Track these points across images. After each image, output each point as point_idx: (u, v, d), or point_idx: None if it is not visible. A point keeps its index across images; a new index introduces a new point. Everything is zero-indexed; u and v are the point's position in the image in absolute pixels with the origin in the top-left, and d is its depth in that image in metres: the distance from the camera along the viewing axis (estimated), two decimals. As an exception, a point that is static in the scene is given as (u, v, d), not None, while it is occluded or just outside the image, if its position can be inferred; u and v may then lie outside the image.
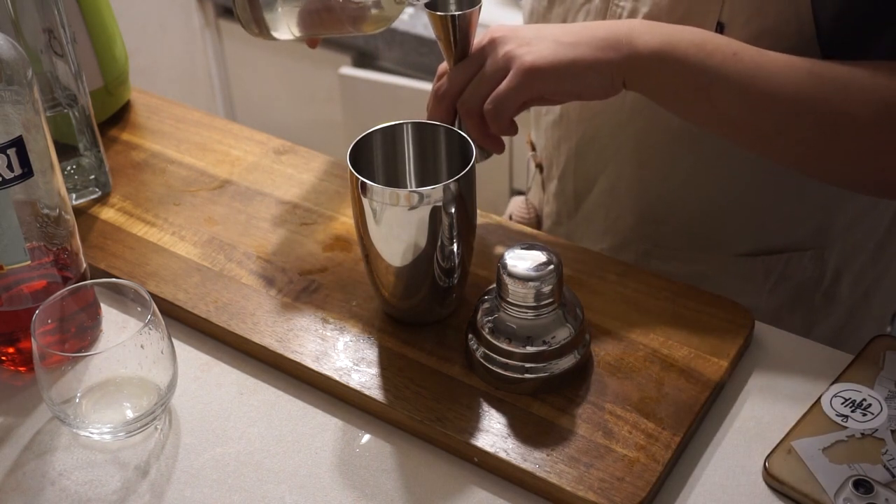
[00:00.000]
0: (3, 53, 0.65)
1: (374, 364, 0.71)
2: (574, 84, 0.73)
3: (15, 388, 0.72)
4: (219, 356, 0.75)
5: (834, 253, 0.91)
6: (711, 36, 0.72)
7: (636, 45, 0.71)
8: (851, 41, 0.73)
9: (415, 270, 0.70)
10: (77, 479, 0.66)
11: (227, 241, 0.83)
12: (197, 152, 0.95)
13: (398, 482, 0.65)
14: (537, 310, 0.66)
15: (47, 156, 0.69)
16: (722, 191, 0.87)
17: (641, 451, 0.64)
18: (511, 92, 0.73)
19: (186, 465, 0.66)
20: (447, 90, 0.76)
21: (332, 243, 0.82)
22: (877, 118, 0.69)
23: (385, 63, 1.84)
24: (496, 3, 1.68)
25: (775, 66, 0.70)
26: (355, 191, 0.68)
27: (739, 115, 0.72)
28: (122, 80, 0.99)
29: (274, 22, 0.81)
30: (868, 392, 0.67)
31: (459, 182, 0.67)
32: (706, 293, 0.75)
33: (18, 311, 0.71)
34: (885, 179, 0.72)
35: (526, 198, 1.06)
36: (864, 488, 0.61)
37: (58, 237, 0.72)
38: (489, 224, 0.84)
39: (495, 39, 0.75)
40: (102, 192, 0.89)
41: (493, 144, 0.78)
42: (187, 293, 0.78)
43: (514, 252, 0.67)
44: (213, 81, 2.19)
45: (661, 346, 0.71)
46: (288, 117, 2.11)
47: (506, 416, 0.66)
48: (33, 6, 0.79)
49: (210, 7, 2.09)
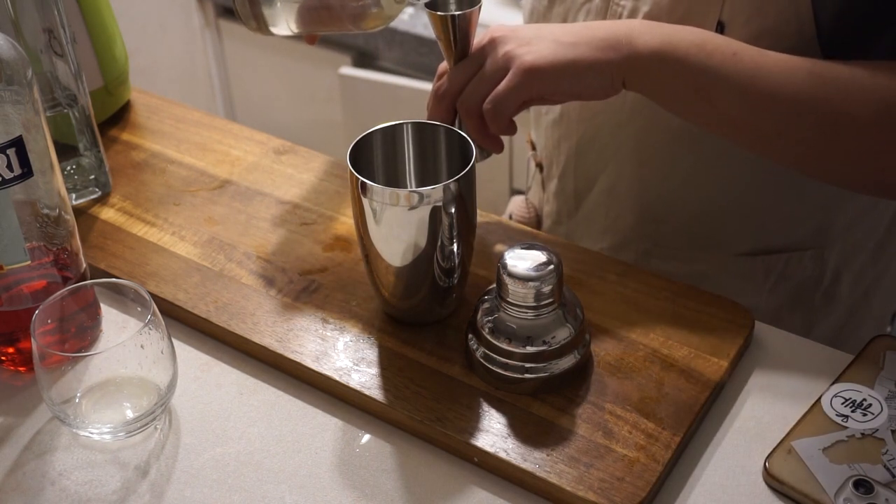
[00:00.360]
0: (3, 53, 0.65)
1: (374, 364, 0.71)
2: (573, 84, 0.73)
3: (15, 388, 0.72)
4: (219, 356, 0.75)
5: (834, 252, 0.91)
6: (711, 36, 0.72)
7: (636, 46, 0.71)
8: (852, 41, 0.73)
9: (415, 270, 0.70)
10: (77, 479, 0.66)
11: (227, 241, 0.83)
12: (197, 152, 0.95)
13: (398, 482, 0.65)
14: (537, 310, 0.66)
15: (47, 156, 0.69)
16: (722, 190, 0.87)
17: (641, 451, 0.64)
18: (510, 91, 0.73)
19: (186, 465, 0.66)
20: (447, 90, 0.76)
21: (332, 243, 0.82)
22: (877, 118, 0.69)
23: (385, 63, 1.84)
24: (496, 3, 1.68)
25: (775, 66, 0.70)
26: (355, 191, 0.68)
27: (739, 115, 0.72)
28: (122, 80, 0.99)
29: (273, 17, 0.81)
30: (868, 392, 0.67)
31: (459, 182, 0.67)
32: (706, 293, 0.75)
33: (18, 311, 0.71)
34: (885, 179, 0.72)
35: (526, 197, 1.06)
36: (864, 488, 0.61)
37: (58, 237, 0.72)
38: (489, 224, 0.84)
39: (495, 39, 0.75)
40: (102, 192, 0.89)
41: (493, 144, 0.79)
42: (187, 293, 0.78)
43: (514, 252, 0.67)
44: (213, 81, 2.19)
45: (661, 346, 0.71)
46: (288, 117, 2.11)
47: (506, 416, 0.66)
48: (33, 6, 0.79)
49: (210, 7, 2.09)
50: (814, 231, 0.89)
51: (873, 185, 0.75)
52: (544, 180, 0.99)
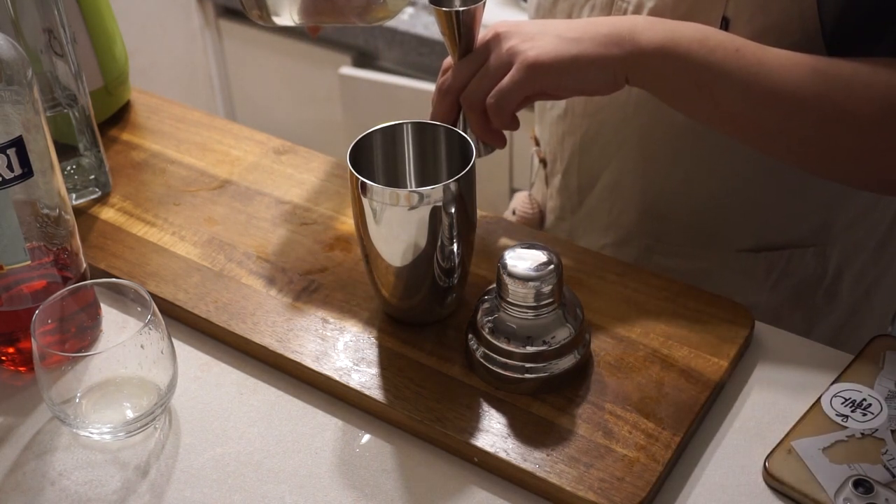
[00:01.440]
0: (3, 53, 0.65)
1: (374, 364, 0.71)
2: (576, 80, 0.73)
3: (15, 388, 0.72)
4: (219, 356, 0.75)
5: (836, 250, 0.91)
6: (714, 32, 0.72)
7: (639, 42, 0.71)
8: (855, 38, 0.73)
9: (415, 270, 0.70)
10: (77, 479, 0.66)
11: (227, 241, 0.83)
12: (197, 152, 0.95)
13: (398, 482, 0.65)
14: (537, 310, 0.66)
15: (47, 156, 0.69)
16: (725, 187, 0.87)
17: (641, 451, 0.64)
18: (514, 86, 0.73)
19: (186, 465, 0.66)
20: (451, 84, 0.77)
21: (332, 243, 0.82)
22: (880, 116, 0.69)
23: (385, 63, 1.84)
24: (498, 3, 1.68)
25: (778, 62, 0.70)
26: (355, 191, 0.68)
27: (741, 111, 0.72)
28: (122, 80, 0.99)
29: (276, 6, 0.81)
30: (868, 392, 0.67)
31: (459, 182, 0.67)
32: (706, 293, 0.75)
33: (18, 311, 0.71)
34: (887, 177, 0.72)
35: (529, 193, 1.06)
36: (864, 488, 0.61)
37: (58, 237, 0.72)
38: (489, 223, 0.84)
39: (499, 34, 0.75)
40: (102, 192, 0.89)
41: (495, 139, 0.79)
42: (187, 293, 0.78)
43: (514, 252, 0.67)
44: (213, 81, 2.19)
45: (661, 346, 0.71)
46: (288, 117, 2.11)
47: (506, 416, 0.66)
48: (33, 6, 0.79)
49: (210, 7, 2.09)
50: (816, 228, 0.89)
51: (876, 183, 0.75)
52: (548, 176, 0.99)
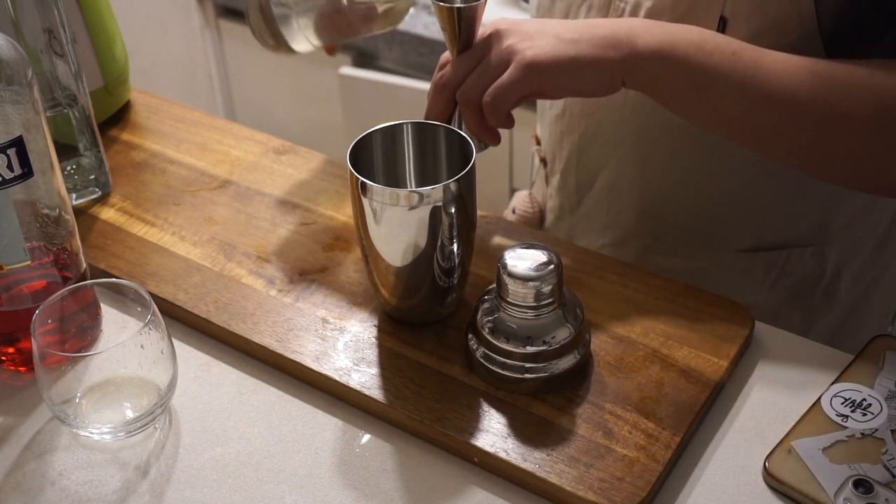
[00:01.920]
0: (3, 53, 0.65)
1: (374, 364, 0.71)
2: (573, 80, 0.73)
3: (15, 388, 0.72)
4: (219, 356, 0.75)
5: (834, 250, 0.91)
6: (711, 35, 0.72)
7: (636, 45, 0.71)
8: (854, 39, 0.73)
9: (415, 270, 0.70)
10: (77, 479, 0.66)
11: (227, 241, 0.83)
12: (197, 152, 0.95)
13: (398, 482, 0.65)
14: (537, 310, 0.66)
15: (47, 156, 0.69)
16: (723, 187, 0.87)
17: (641, 451, 0.64)
18: (510, 85, 0.73)
19: (186, 465, 0.66)
20: (448, 80, 0.76)
21: (332, 243, 0.82)
22: (877, 118, 0.69)
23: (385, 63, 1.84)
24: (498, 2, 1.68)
25: (774, 65, 0.70)
26: (355, 191, 0.68)
27: (739, 114, 0.72)
28: (122, 80, 0.99)
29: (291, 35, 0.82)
30: (868, 392, 0.67)
31: (459, 182, 0.67)
32: (706, 293, 0.75)
33: (18, 311, 0.71)
34: (885, 179, 0.72)
35: (530, 192, 1.06)
36: (864, 488, 0.61)
37: (58, 237, 0.72)
38: (489, 222, 0.84)
39: (499, 32, 0.75)
40: (102, 192, 0.89)
41: (490, 137, 0.79)
42: (187, 293, 0.78)
43: (514, 252, 0.67)
44: (213, 81, 2.19)
45: (661, 346, 0.71)
46: (288, 117, 2.11)
47: (506, 416, 0.66)
48: (33, 6, 0.79)
49: (210, 7, 2.09)
50: (814, 228, 0.89)
51: (873, 185, 0.75)
52: (548, 175, 0.99)
